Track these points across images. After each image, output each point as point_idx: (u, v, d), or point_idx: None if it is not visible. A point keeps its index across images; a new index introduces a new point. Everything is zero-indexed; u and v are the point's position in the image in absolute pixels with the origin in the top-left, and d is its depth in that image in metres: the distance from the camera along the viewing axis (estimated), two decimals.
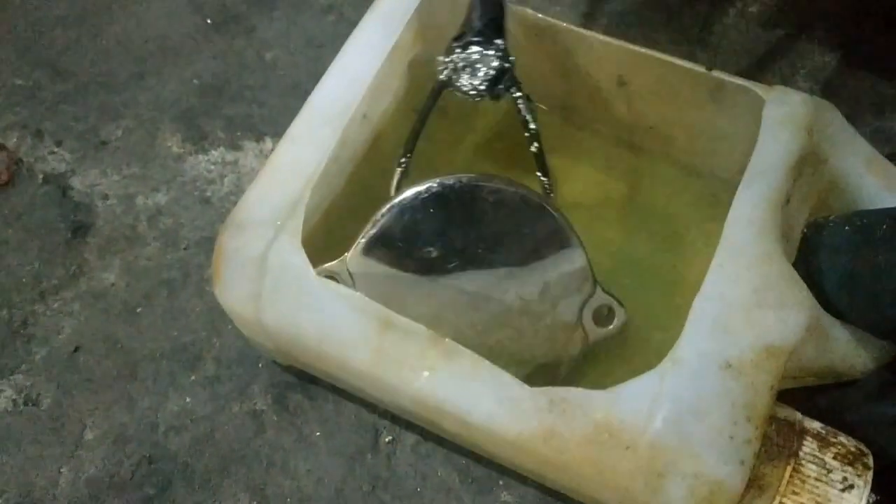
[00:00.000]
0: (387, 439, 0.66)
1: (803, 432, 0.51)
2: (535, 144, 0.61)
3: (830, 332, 0.54)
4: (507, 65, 0.60)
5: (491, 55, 0.60)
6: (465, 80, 0.60)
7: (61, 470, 0.67)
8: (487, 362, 0.52)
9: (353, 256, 0.58)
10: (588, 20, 0.84)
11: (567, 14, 0.85)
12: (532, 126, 0.61)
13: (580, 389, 0.50)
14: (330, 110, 0.62)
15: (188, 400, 0.69)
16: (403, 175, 0.62)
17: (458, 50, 0.61)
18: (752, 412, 0.49)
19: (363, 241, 0.58)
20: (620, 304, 0.58)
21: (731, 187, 0.57)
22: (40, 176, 0.81)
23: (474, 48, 0.60)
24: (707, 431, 0.48)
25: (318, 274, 0.56)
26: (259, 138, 0.81)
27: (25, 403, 0.70)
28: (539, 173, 0.62)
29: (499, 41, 0.60)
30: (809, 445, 0.50)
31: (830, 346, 0.54)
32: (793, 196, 0.57)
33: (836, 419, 0.53)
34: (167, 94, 0.85)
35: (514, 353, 0.58)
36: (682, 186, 0.69)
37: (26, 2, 0.91)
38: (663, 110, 0.66)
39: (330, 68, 0.65)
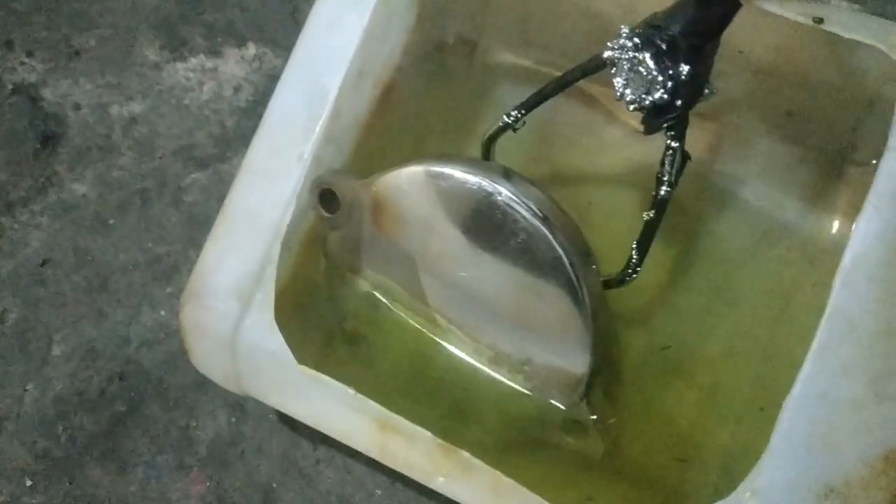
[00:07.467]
0: None
1: None
2: (653, 212, 0.46)
3: None
4: (677, 102, 0.43)
5: (658, 81, 0.42)
6: (619, 82, 0.43)
7: (27, 388, 0.62)
8: (508, 480, 0.43)
9: (384, 180, 0.48)
10: None
11: None
12: (664, 190, 0.45)
13: None
14: (297, 119, 0.49)
15: (162, 313, 0.64)
16: (503, 129, 0.50)
17: (635, 39, 0.42)
18: None
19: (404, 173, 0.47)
20: (596, 436, 0.49)
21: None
22: (9, 86, 0.75)
23: (649, 57, 0.42)
24: None
25: (317, 183, 0.48)
26: (241, 44, 0.76)
27: None
28: (634, 245, 0.47)
29: (681, 69, 0.42)
30: None
31: None
32: None
33: None
34: (145, 1, 0.79)
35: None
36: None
37: None
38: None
39: (293, 52, 0.51)
